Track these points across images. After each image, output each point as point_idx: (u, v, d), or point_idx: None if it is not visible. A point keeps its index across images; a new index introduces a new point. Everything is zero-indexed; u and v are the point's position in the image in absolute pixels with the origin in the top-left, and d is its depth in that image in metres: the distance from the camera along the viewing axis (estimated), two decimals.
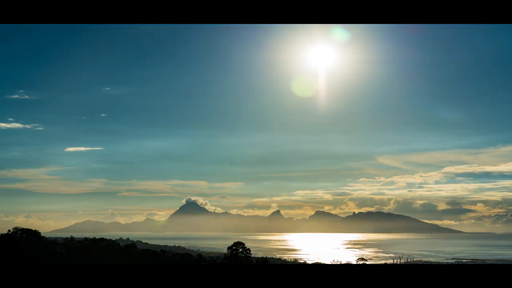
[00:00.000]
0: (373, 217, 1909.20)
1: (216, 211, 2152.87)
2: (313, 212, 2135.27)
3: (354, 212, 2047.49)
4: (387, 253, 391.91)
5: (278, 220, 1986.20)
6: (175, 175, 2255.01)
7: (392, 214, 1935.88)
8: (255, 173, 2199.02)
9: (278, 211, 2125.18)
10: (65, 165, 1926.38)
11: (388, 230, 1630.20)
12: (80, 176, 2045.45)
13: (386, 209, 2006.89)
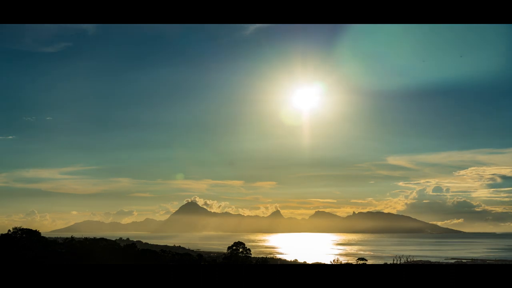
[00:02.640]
0: (373, 217, 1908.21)
1: (216, 211, 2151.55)
2: (313, 212, 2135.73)
3: (354, 212, 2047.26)
4: (374, 252, 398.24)
5: (278, 220, 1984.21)
6: (209, 174, 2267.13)
7: (392, 214, 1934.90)
8: (285, 173, 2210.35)
9: (278, 211, 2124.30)
10: (93, 164, 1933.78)
11: (388, 230, 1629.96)
12: (106, 175, 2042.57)
13: (391, 209, 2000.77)
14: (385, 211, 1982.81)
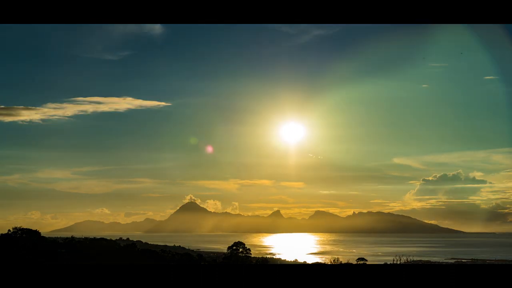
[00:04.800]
0: (373, 217, 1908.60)
1: (216, 211, 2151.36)
2: (313, 212, 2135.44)
3: (354, 212, 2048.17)
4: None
5: (278, 220, 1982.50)
6: (238, 173, 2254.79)
7: (392, 214, 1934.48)
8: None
9: (278, 211, 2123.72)
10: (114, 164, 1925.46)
11: (387, 229, 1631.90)
12: (130, 173, 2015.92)
13: (393, 210, 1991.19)
14: (392, 211, 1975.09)
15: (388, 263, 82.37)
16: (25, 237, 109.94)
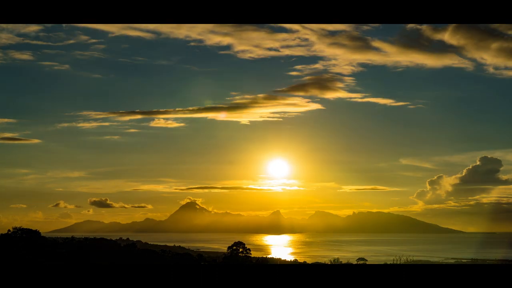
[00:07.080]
0: (372, 216, 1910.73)
1: (216, 211, 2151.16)
2: (313, 212, 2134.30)
3: (354, 212, 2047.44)
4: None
5: (278, 220, 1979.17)
6: (266, 174, 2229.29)
7: (392, 213, 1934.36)
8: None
9: (278, 211, 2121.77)
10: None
11: (387, 229, 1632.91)
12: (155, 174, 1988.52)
13: (397, 210, 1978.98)
14: (392, 211, 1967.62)
15: (388, 263, 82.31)
16: (25, 237, 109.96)
